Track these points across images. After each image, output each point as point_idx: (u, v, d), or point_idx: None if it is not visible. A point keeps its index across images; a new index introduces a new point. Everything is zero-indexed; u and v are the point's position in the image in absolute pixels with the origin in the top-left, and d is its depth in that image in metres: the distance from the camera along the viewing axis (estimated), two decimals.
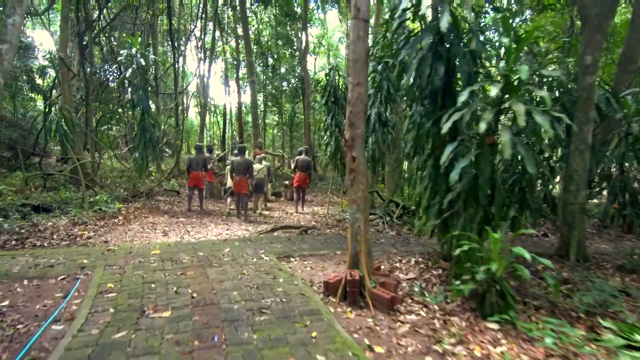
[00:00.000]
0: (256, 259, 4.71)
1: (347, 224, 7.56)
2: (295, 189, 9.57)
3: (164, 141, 13.36)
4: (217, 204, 10.69)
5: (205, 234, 6.67)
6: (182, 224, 7.52)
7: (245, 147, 8.25)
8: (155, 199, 10.07)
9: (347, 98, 3.66)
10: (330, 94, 8.16)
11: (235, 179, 8.06)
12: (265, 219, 8.59)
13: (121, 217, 7.27)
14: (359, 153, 3.62)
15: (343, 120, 8.26)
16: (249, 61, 15.67)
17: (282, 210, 10.16)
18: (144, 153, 8.62)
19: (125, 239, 5.94)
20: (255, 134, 15.92)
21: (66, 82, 11.74)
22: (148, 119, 8.70)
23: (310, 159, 9.68)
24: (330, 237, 6.35)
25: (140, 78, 8.52)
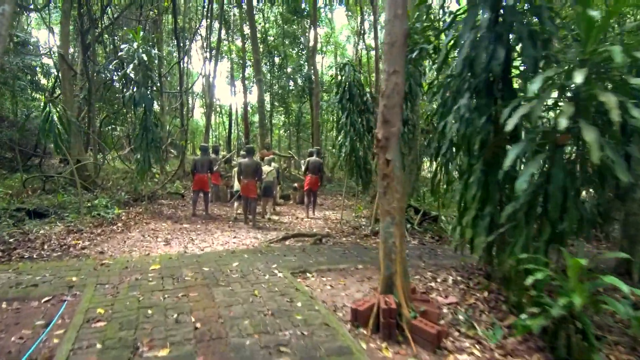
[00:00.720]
0: (268, 275, 4.13)
1: (363, 231, 6.93)
2: (306, 193, 8.99)
3: (168, 141, 12.85)
4: (223, 208, 10.14)
5: (211, 242, 6.11)
6: (186, 230, 6.97)
7: (253, 148, 7.69)
8: (158, 202, 9.55)
9: (380, 89, 3.07)
10: (345, 90, 7.56)
11: (243, 182, 7.49)
12: (275, 224, 8.02)
13: (120, 223, 6.74)
14: (394, 155, 3.03)
15: (358, 120, 7.67)
16: (256, 59, 15.13)
17: (292, 214, 9.58)
18: (146, 154, 8.09)
19: (123, 249, 5.39)
20: (262, 134, 15.38)
21: (67, 81, 11.29)
22: (150, 118, 8.18)
23: (322, 161, 9.09)
24: (348, 247, 5.75)
25: (142, 75, 7.99)
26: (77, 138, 11.40)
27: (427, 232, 7.12)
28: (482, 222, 2.99)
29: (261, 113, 15.57)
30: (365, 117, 7.86)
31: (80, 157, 11.42)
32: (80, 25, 13.22)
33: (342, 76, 7.61)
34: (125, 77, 7.94)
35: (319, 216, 9.27)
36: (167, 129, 20.62)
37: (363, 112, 7.89)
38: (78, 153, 11.42)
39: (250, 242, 6.18)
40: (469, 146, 3.06)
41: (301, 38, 21.73)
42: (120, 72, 7.92)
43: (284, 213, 9.74)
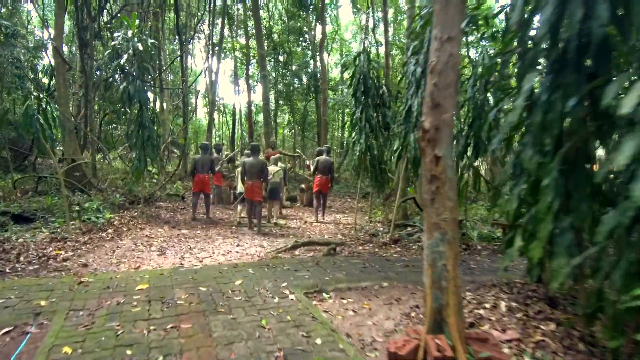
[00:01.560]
0: (278, 297, 3.42)
1: (381, 239, 6.18)
2: (316, 195, 8.28)
3: (169, 140, 12.20)
4: (225, 211, 9.46)
5: (211, 252, 5.42)
6: (185, 237, 6.29)
7: (259, 146, 7.00)
8: (156, 205, 8.88)
9: (429, 63, 2.35)
10: (359, 82, 6.84)
11: (247, 183, 6.80)
12: (282, 230, 7.32)
13: (111, 229, 6.07)
14: (446, 151, 2.31)
15: (374, 114, 6.95)
16: (261, 54, 14.45)
17: (300, 218, 8.88)
18: (142, 153, 7.41)
19: (110, 261, 4.71)
20: (266, 132, 14.68)
21: (61, 75, 10.66)
22: (147, 114, 7.50)
23: (332, 160, 8.38)
24: (367, 259, 5.03)
25: (138, 66, 7.32)
26: (72, 136, 10.78)
27: None
28: (562, 239, 2.26)
29: (266, 111, 14.89)
30: (382, 111, 7.14)
31: (76, 157, 10.81)
32: (77, 19, 12.62)
33: (356, 66, 6.89)
34: (119, 68, 7.27)
35: (329, 220, 8.55)
36: (169, 127, 20.05)
37: (379, 106, 7.16)
38: (73, 152, 10.79)
39: (256, 252, 5.48)
40: (542, 139, 2.33)
41: (306, 35, 21.04)
42: (114, 64, 7.24)
43: (291, 216, 9.05)
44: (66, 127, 10.73)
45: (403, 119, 6.04)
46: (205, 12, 20.54)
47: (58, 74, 10.76)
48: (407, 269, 4.53)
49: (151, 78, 8.25)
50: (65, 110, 10.68)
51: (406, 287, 3.96)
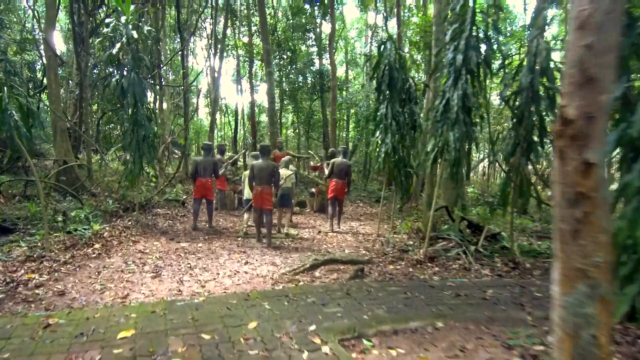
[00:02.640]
0: (307, 350, 2.54)
1: (413, 255, 5.25)
2: (331, 201, 7.40)
3: (168, 140, 11.36)
4: (229, 218, 8.60)
5: (215, 272, 4.55)
6: (184, 252, 5.43)
7: (269, 147, 6.14)
8: (153, 212, 8.02)
9: (575, 14, 1.47)
10: (384, 73, 5.97)
11: (256, 189, 5.94)
12: (294, 241, 6.45)
13: (99, 244, 5.20)
14: (599, 155, 1.43)
15: (400, 110, 6.09)
16: (266, 49, 13.61)
17: (312, 227, 8.00)
18: (137, 154, 6.56)
19: (92, 287, 3.85)
20: (272, 132, 13.81)
21: (52, 71, 9.85)
22: (142, 110, 6.66)
23: (349, 163, 7.50)
24: (405, 284, 4.14)
25: (132, 57, 6.48)
26: (64, 136, 9.96)
27: (494, 255, 5.50)
28: None
29: (271, 109, 14.06)
30: (408, 108, 6.27)
31: (68, 158, 9.98)
32: (72, 13, 11.81)
33: (382, 55, 6.02)
34: (111, 59, 6.42)
35: (346, 229, 7.68)
36: (169, 128, 19.22)
37: (404, 101, 6.30)
38: (65, 154, 9.98)
39: (268, 272, 4.61)
40: None
41: (310, 32, 20.22)
42: (106, 53, 6.40)
43: (301, 225, 8.18)
44: (58, 127, 9.93)
45: (440, 115, 5.17)
46: (207, 7, 19.76)
47: (49, 69, 9.95)
48: (460, 300, 3.65)
49: (148, 70, 7.40)
50: (56, 108, 9.86)
51: (467, 328, 3.08)
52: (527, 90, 4.90)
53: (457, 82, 5.09)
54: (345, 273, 4.56)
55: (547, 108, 4.92)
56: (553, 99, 4.95)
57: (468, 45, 5.04)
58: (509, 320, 3.31)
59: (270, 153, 6.11)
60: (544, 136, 5.18)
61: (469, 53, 5.02)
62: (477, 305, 3.55)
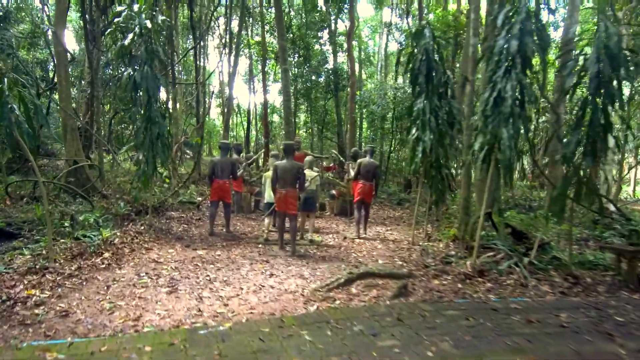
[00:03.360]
0: None
1: (458, 267, 4.44)
2: (357, 205, 6.81)
3: (181, 140, 10.93)
4: (247, 222, 8.10)
5: (238, 286, 4.02)
6: (202, 261, 4.92)
7: (294, 146, 5.59)
8: (167, 215, 7.56)
9: None
10: (421, 64, 5.37)
11: (280, 192, 5.40)
12: (320, 249, 5.89)
13: (109, 253, 4.71)
14: None
15: (439, 105, 5.48)
16: (282, 45, 13.07)
17: (335, 232, 7.44)
18: (150, 154, 6.09)
19: (100, 306, 3.35)
20: (288, 131, 13.26)
21: (62, 67, 9.48)
22: (156, 107, 6.19)
23: (377, 164, 6.91)
24: (464, 307, 3.53)
25: (146, 48, 6.01)
26: (74, 135, 9.59)
27: (548, 267, 4.84)
28: None
29: (287, 107, 13.49)
30: (447, 103, 5.66)
31: (78, 158, 9.62)
32: (83, 7, 11.47)
33: (418, 44, 5.43)
34: (123, 51, 5.97)
35: (372, 235, 7.09)
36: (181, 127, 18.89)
37: (441, 96, 5.69)
38: (75, 153, 9.62)
39: (297, 287, 4.06)
40: None
41: (324, 30, 19.73)
42: (117, 45, 5.94)
43: (323, 229, 7.62)
44: (68, 125, 9.57)
45: (490, 109, 4.55)
46: (221, 4, 19.42)
47: (59, 66, 9.59)
48: (534, 328, 3.04)
49: (162, 65, 6.93)
50: (67, 106, 9.50)
51: None
52: (594, 80, 4.26)
53: (510, 71, 4.48)
54: (385, 289, 3.98)
55: (615, 100, 4.28)
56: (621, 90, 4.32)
57: (524, 30, 4.43)
58: (599, 356, 2.70)
59: (294, 152, 5.56)
60: (608, 132, 4.52)
61: (525, 38, 4.40)
62: (556, 336, 2.93)
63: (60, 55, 9.41)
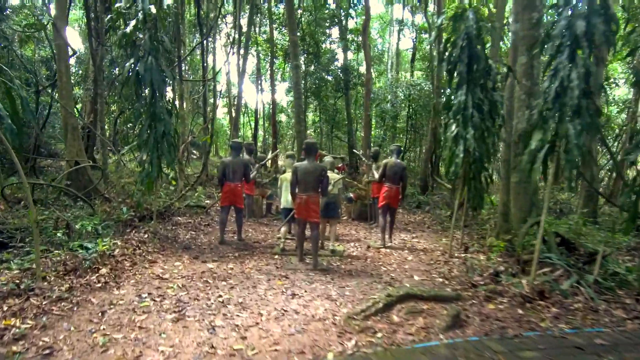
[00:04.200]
0: None
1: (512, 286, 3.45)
2: (382, 211, 6.15)
3: (188, 140, 10.36)
4: (259, 227, 7.48)
5: (257, 312, 3.38)
6: (213, 277, 4.29)
7: (316, 144, 4.93)
8: (173, 221, 6.96)
9: None
10: (462, 51, 4.69)
11: (300, 197, 4.76)
12: (344, 261, 5.24)
13: (106, 268, 4.10)
14: None
15: (482, 98, 4.79)
16: (293, 41, 12.44)
17: (355, 239, 6.79)
18: (154, 154, 5.49)
19: (91, 340, 2.74)
20: (299, 131, 12.66)
21: (63, 62, 8.94)
22: (161, 102, 5.60)
23: (404, 165, 6.23)
24: (536, 341, 2.86)
25: (150, 37, 5.41)
26: (76, 135, 9.05)
27: (613, 284, 4.14)
28: None
29: (298, 106, 12.86)
30: (489, 95, 4.98)
31: (80, 159, 9.08)
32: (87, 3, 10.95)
33: (457, 29, 4.75)
34: (125, 40, 5.37)
35: (399, 244, 6.42)
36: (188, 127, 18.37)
37: (483, 88, 5.01)
38: (77, 153, 9.08)
39: (326, 312, 3.42)
40: None
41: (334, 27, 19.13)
42: (119, 33, 5.35)
43: (342, 236, 6.97)
44: (69, 124, 9.03)
45: (552, 101, 3.86)
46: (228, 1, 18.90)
47: (59, 60, 9.05)
48: None
49: (168, 55, 6.34)
50: (67, 103, 8.95)
51: None
52: None
53: (574, 57, 3.79)
54: (433, 317, 3.31)
55: None
56: None
57: (592, 9, 3.74)
58: None
59: (317, 152, 4.91)
60: None
61: (592, 18, 3.71)
62: None
63: (61, 49, 8.87)
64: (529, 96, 5.89)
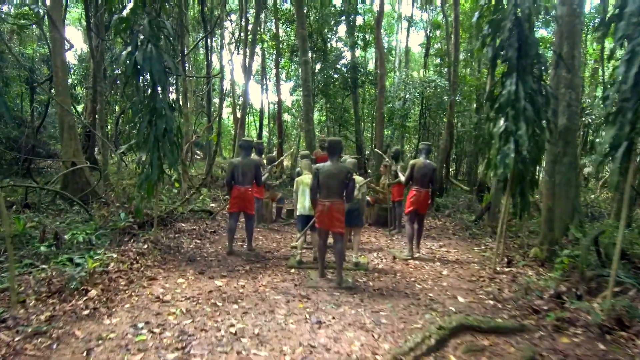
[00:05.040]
0: None
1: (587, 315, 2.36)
2: (409, 217, 5.47)
3: (192, 139, 9.74)
4: (270, 235, 6.84)
5: (278, 350, 2.73)
6: (222, 298, 3.65)
7: (341, 143, 4.26)
8: (175, 227, 6.33)
9: None
10: (511, 34, 4.02)
11: (322, 204, 4.09)
12: (369, 276, 4.58)
13: (96, 289, 3.47)
14: None
15: (535, 88, 4.11)
16: (302, 35, 11.82)
17: (376, 247, 6.13)
18: (155, 155, 4.87)
19: None
20: (307, 130, 12.04)
21: (59, 56, 8.35)
22: (162, 95, 4.97)
23: (435, 166, 5.55)
24: None
25: (149, 22, 4.78)
26: (72, 134, 8.46)
27: None
28: None
29: (307, 103, 12.23)
30: (541, 86, 4.30)
31: (77, 160, 8.50)
32: None
33: (501, 9, 4.08)
34: (122, 25, 4.74)
35: (426, 253, 5.75)
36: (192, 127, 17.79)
37: (535, 77, 4.32)
38: (74, 154, 8.50)
39: (362, 348, 2.77)
40: None
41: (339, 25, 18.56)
42: (114, 18, 4.72)
43: (362, 244, 6.29)
44: (65, 122, 8.45)
45: (630, 90, 3.19)
46: None
47: (55, 54, 8.47)
48: None
49: (170, 43, 5.72)
50: (63, 100, 8.35)
51: None
52: None
53: None
54: (498, 356, 2.65)
55: None
56: None
57: None
58: None
59: (341, 151, 4.25)
60: None
61: None
62: None
63: (56, 42, 8.28)
64: (568, 89, 5.24)
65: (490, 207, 8.24)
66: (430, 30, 15.62)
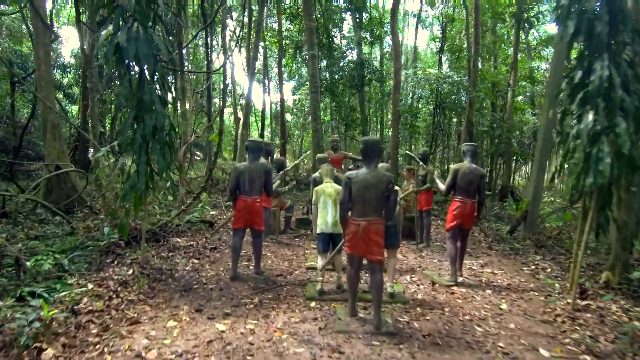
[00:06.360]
0: None
1: None
2: (451, 234, 4.51)
3: (191, 140, 8.81)
4: (279, 250, 5.90)
5: None
6: (223, 353, 2.70)
7: (379, 143, 3.29)
8: (169, 244, 5.39)
9: None
10: (601, 9, 3.08)
11: (357, 223, 3.14)
12: (411, 313, 3.63)
13: (57, 344, 2.52)
14: None
15: (632, 74, 3.16)
16: (309, 27, 10.87)
17: (407, 267, 5.19)
18: (142, 158, 3.93)
19: None
20: (315, 129, 11.08)
21: (42, 47, 7.45)
22: (152, 86, 4.03)
23: (483, 172, 4.59)
24: None
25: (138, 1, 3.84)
26: (56, 134, 7.55)
27: None
28: None
29: (315, 100, 11.26)
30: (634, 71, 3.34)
31: (62, 163, 7.59)
32: None
33: None
34: (105, 1, 3.81)
35: (469, 276, 4.79)
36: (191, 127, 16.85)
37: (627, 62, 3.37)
38: (58, 156, 7.59)
39: None
40: None
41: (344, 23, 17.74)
42: None
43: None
44: (48, 121, 7.52)
45: None
46: None
47: (37, 45, 7.56)
48: None
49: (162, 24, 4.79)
50: (46, 95, 7.43)
51: None
52: None
53: None
54: None
55: None
56: None
57: None
58: None
59: (381, 154, 3.29)
60: None
61: None
62: None
63: (39, 30, 7.38)
64: None
65: (526, 216, 7.30)
66: (445, 24, 14.66)
